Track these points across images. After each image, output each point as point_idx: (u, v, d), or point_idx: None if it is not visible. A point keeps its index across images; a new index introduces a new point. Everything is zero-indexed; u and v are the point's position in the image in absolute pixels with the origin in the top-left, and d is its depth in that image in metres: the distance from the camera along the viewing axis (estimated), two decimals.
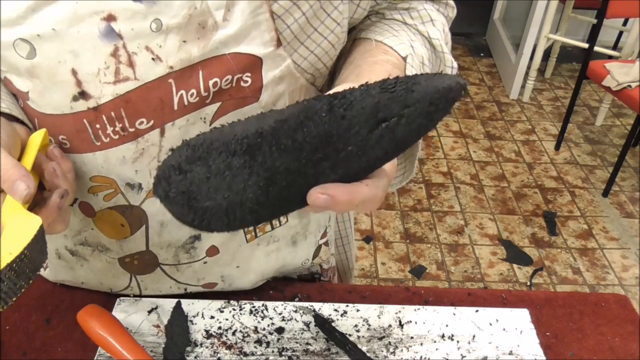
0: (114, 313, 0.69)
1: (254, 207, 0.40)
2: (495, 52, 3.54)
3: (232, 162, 0.38)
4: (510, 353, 0.66)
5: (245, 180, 0.38)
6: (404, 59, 0.56)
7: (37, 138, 0.49)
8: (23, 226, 0.43)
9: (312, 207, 0.40)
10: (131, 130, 0.51)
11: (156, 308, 0.70)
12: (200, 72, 0.50)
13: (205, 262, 0.66)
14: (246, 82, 0.52)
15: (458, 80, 0.39)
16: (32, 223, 0.44)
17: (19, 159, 0.47)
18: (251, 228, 0.66)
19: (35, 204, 0.46)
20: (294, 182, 0.39)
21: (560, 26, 3.20)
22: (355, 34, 0.63)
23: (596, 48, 2.50)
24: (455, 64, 0.63)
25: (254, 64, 0.51)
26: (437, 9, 0.64)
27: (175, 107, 0.51)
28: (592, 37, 2.44)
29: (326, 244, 0.76)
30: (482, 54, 3.62)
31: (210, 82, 0.50)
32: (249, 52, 0.50)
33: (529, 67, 3.03)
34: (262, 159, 0.38)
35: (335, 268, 0.85)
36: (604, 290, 1.99)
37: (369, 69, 0.54)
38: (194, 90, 0.50)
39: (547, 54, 3.20)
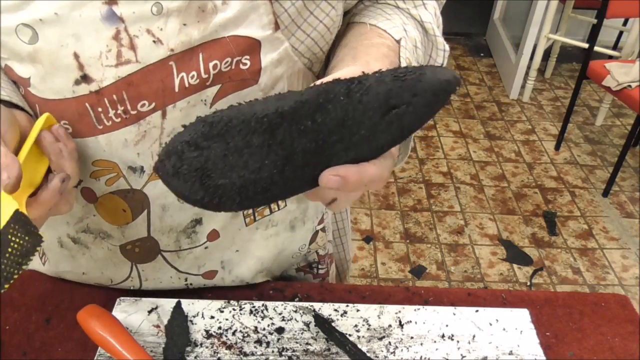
0: (114, 313, 0.69)
1: (268, 186, 0.40)
2: (495, 52, 3.54)
3: (252, 139, 0.38)
4: (510, 353, 0.66)
5: (262, 159, 0.39)
6: (398, 42, 0.57)
7: (39, 124, 0.49)
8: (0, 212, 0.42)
9: (323, 188, 0.41)
10: (133, 112, 0.52)
11: (156, 308, 0.70)
12: (200, 55, 0.50)
13: (206, 247, 0.66)
14: (245, 64, 0.53)
15: (455, 75, 0.41)
16: (8, 207, 0.43)
17: (19, 146, 0.48)
18: (250, 211, 0.66)
19: (40, 185, 0.48)
20: (308, 162, 0.40)
21: (560, 26, 3.20)
22: (349, 18, 0.64)
23: (596, 48, 2.50)
24: (447, 47, 0.64)
25: (253, 46, 0.52)
26: None
27: (176, 90, 0.51)
28: (592, 37, 2.44)
29: (323, 229, 0.77)
30: (482, 54, 3.62)
31: (210, 65, 0.51)
32: (248, 35, 0.51)
33: (529, 67, 3.03)
34: (281, 138, 0.39)
35: (332, 257, 0.85)
36: (604, 290, 1.99)
37: (365, 50, 0.54)
38: (194, 73, 0.51)
39: (547, 54, 3.20)
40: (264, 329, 0.68)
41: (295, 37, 0.55)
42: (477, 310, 0.71)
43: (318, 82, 0.42)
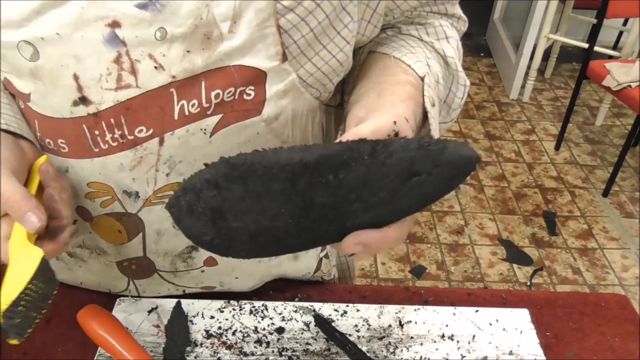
0: (114, 313, 0.69)
1: (281, 235, 0.40)
2: (495, 52, 3.54)
3: (272, 186, 0.38)
4: (510, 353, 0.66)
5: (280, 207, 0.39)
6: (422, 78, 0.56)
7: (39, 164, 0.49)
8: (25, 260, 0.44)
9: (344, 252, 0.42)
10: (130, 137, 0.51)
11: (156, 308, 0.70)
12: (203, 83, 0.49)
13: (202, 271, 0.66)
14: (249, 95, 0.51)
15: (476, 154, 0.42)
16: (34, 256, 0.44)
17: (25, 183, 0.47)
18: None
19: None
20: (325, 217, 0.40)
21: (560, 26, 3.20)
22: (370, 46, 0.62)
23: (596, 48, 2.50)
24: (467, 82, 0.64)
25: (258, 77, 0.51)
26: (450, 24, 0.65)
27: (176, 117, 0.50)
28: (592, 37, 2.44)
29: (326, 256, 0.76)
30: (482, 54, 3.62)
31: (212, 94, 0.49)
32: (254, 66, 0.50)
33: (529, 67, 3.02)
34: (302, 189, 0.39)
35: (337, 278, 0.85)
36: (604, 290, 1.99)
37: (390, 88, 0.53)
38: (195, 101, 0.49)
39: (547, 54, 3.20)
40: (264, 329, 0.68)
41: (304, 69, 0.53)
42: (477, 310, 0.71)
43: (344, 138, 0.41)
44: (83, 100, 0.49)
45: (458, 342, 0.67)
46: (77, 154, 0.53)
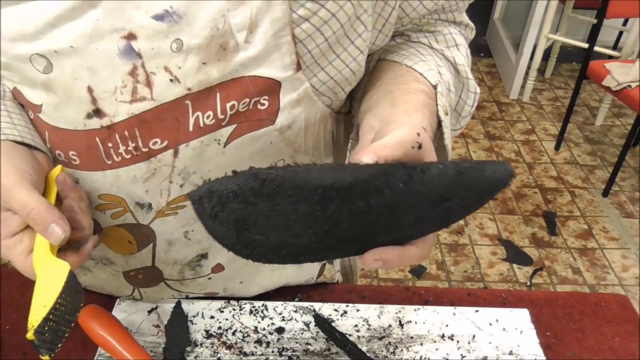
0: (114, 313, 0.69)
1: (302, 251, 0.40)
2: (495, 52, 3.54)
3: (300, 207, 0.37)
4: (510, 353, 0.66)
5: (306, 227, 0.38)
6: (434, 87, 0.55)
7: (55, 174, 0.49)
8: (53, 274, 0.43)
9: (363, 265, 0.42)
10: (144, 150, 0.50)
11: (156, 308, 0.70)
12: (218, 95, 0.48)
13: (209, 278, 0.66)
14: (263, 105, 0.51)
15: (511, 173, 0.41)
16: (61, 270, 0.44)
17: (42, 195, 0.47)
18: None
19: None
20: (348, 238, 0.40)
21: (560, 26, 3.20)
22: (379, 54, 0.62)
23: (596, 48, 2.50)
24: (478, 90, 0.64)
25: (272, 87, 0.50)
26: (459, 31, 0.65)
27: (191, 129, 0.49)
28: (592, 37, 2.44)
29: (330, 262, 0.75)
30: (482, 54, 3.62)
31: (228, 105, 0.49)
32: (269, 76, 0.49)
33: (529, 67, 3.02)
34: (330, 213, 0.38)
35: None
36: (604, 290, 1.99)
37: (403, 97, 0.53)
38: (210, 112, 0.49)
39: (547, 54, 3.20)
40: (264, 329, 0.68)
41: (317, 77, 0.53)
42: (477, 310, 0.71)
43: (370, 152, 0.40)
44: (97, 113, 0.48)
45: (458, 342, 0.67)
46: (89, 166, 0.52)
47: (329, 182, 0.37)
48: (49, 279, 0.43)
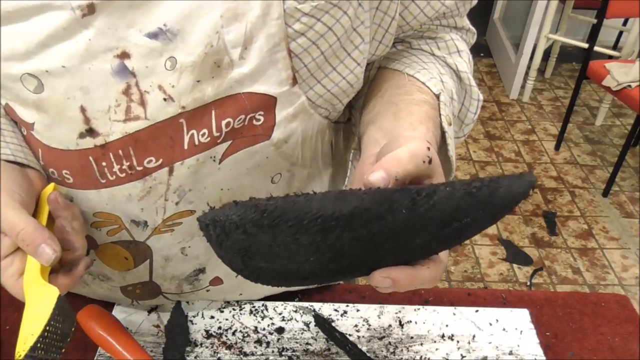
0: (114, 313, 0.69)
1: (308, 275, 0.40)
2: (495, 52, 3.54)
3: (301, 238, 0.37)
4: (510, 353, 0.66)
5: (308, 256, 0.38)
6: (437, 96, 0.55)
7: (47, 193, 0.48)
8: (42, 299, 0.42)
9: (371, 284, 0.41)
10: (139, 168, 0.49)
11: (156, 308, 0.70)
12: (213, 112, 0.48)
13: (208, 290, 0.66)
14: (259, 120, 0.50)
15: (533, 182, 0.39)
16: (50, 295, 0.42)
17: (34, 215, 0.46)
18: None
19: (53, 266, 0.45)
20: (354, 262, 0.39)
21: (560, 26, 3.20)
22: (380, 62, 0.61)
23: (596, 48, 2.50)
24: (481, 97, 0.63)
25: (268, 102, 0.49)
26: (460, 37, 0.64)
27: (186, 147, 0.49)
28: (592, 37, 2.44)
29: None
30: (482, 54, 3.62)
31: (223, 122, 0.48)
32: (264, 92, 0.49)
33: (529, 67, 3.02)
34: (332, 242, 0.37)
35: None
36: (604, 290, 1.99)
37: (408, 109, 0.52)
38: (205, 130, 0.48)
39: (547, 54, 3.20)
40: (264, 329, 0.68)
41: (313, 90, 0.52)
42: (477, 310, 0.71)
43: (380, 168, 0.39)
44: (90, 132, 0.47)
45: (458, 342, 0.67)
46: (83, 184, 0.51)
47: (329, 212, 0.37)
48: (38, 304, 0.42)
